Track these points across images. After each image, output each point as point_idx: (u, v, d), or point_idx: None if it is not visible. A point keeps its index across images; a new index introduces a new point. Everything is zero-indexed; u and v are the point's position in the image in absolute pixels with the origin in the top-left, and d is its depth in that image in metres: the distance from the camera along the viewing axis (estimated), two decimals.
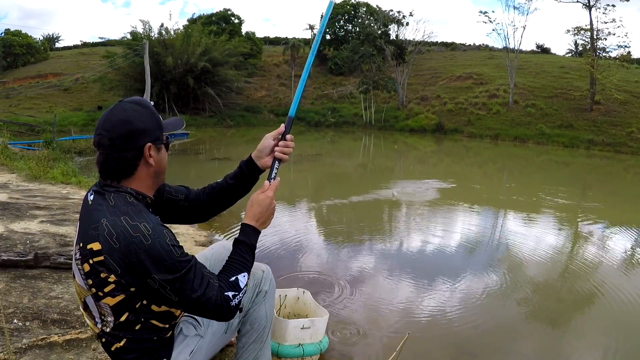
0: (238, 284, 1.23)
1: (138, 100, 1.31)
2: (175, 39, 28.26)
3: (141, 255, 1.13)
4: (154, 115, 1.30)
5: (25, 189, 5.71)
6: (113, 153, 1.22)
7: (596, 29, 24.98)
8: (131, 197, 1.25)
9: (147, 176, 1.30)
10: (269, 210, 1.37)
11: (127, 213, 1.18)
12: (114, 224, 1.16)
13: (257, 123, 28.57)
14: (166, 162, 1.36)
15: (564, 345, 2.87)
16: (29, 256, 2.79)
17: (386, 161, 15.80)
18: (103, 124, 1.23)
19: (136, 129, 1.23)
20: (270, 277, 1.64)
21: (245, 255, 1.30)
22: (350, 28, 38.68)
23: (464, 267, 4.11)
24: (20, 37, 40.01)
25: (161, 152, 1.32)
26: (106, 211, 1.19)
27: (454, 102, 27.72)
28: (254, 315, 1.58)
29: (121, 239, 1.14)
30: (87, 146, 14.03)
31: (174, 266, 1.15)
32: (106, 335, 1.25)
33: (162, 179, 1.39)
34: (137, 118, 1.25)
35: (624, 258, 4.85)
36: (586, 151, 19.74)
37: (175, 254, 1.16)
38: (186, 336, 1.41)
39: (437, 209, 6.85)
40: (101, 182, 1.28)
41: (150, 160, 1.27)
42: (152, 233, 1.15)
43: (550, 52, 43.42)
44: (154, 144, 1.27)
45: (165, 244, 1.15)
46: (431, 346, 2.72)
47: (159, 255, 1.14)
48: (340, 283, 3.62)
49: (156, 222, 1.19)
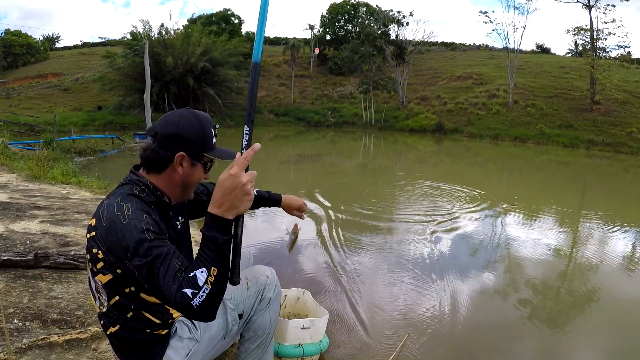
0: (196, 281, 1.09)
1: (198, 114, 1.35)
2: (175, 39, 28.25)
3: (118, 234, 1.17)
4: (202, 133, 1.32)
5: (25, 189, 5.71)
6: (154, 145, 1.31)
7: (596, 29, 24.99)
8: (143, 189, 1.30)
9: (174, 182, 1.34)
10: (234, 192, 1.09)
11: (123, 196, 1.25)
12: (109, 203, 1.24)
13: (257, 123, 28.53)
14: (197, 180, 1.37)
15: (564, 345, 2.87)
16: (29, 256, 2.79)
17: (386, 161, 15.81)
18: (161, 119, 1.34)
19: (178, 135, 1.29)
20: (275, 282, 1.60)
21: (205, 249, 1.12)
22: (350, 28, 38.68)
23: (464, 267, 4.11)
24: (20, 37, 40.02)
25: (195, 168, 1.34)
26: (112, 194, 1.29)
27: (454, 102, 27.73)
28: (257, 323, 1.55)
29: (107, 217, 1.21)
30: (87, 146, 14.04)
31: (144, 250, 1.13)
32: (103, 317, 1.32)
33: (189, 194, 1.41)
34: (185, 126, 1.30)
35: (623, 258, 4.85)
36: (586, 151, 19.74)
37: (148, 237, 1.15)
38: (181, 338, 1.40)
39: (437, 208, 6.84)
40: (130, 173, 1.35)
41: (179, 169, 1.32)
42: (131, 214, 1.19)
43: (550, 52, 43.43)
44: (189, 157, 1.31)
45: (140, 227, 1.16)
46: (431, 346, 2.72)
47: (132, 236, 1.15)
48: (340, 283, 3.62)
49: (140, 207, 1.22)
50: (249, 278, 1.56)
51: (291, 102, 32.79)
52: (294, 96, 33.53)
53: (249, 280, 1.55)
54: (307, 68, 38.19)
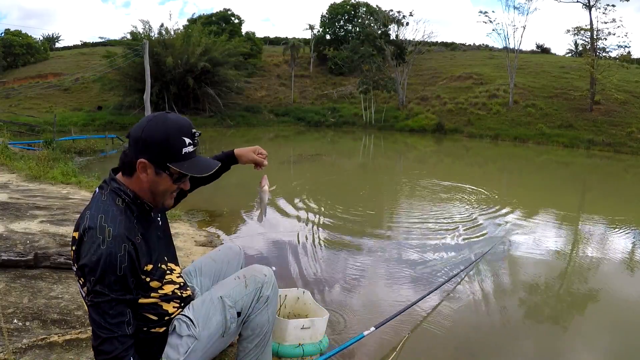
0: None
1: (168, 118, 1.29)
2: (175, 39, 28.24)
3: (92, 257, 1.18)
4: (166, 140, 1.25)
5: (25, 189, 5.71)
6: (128, 146, 1.30)
7: (596, 29, 24.98)
8: (125, 200, 1.29)
9: (143, 188, 1.31)
10: None
11: (106, 212, 1.23)
12: (91, 217, 1.22)
13: (257, 123, 28.56)
14: (165, 190, 1.32)
15: (564, 345, 2.87)
16: (29, 256, 2.79)
17: (386, 161, 15.81)
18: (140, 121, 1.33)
19: (141, 139, 1.26)
20: (273, 281, 1.59)
21: None
22: (350, 28, 38.69)
23: (464, 267, 4.10)
24: (20, 37, 39.99)
25: (161, 178, 1.29)
26: (95, 205, 1.26)
27: (454, 102, 27.72)
28: (255, 321, 1.54)
29: (88, 234, 1.20)
30: (87, 146, 14.03)
31: (101, 282, 1.17)
32: None
33: (162, 202, 1.36)
34: (149, 131, 1.26)
35: (623, 258, 4.85)
36: (586, 151, 19.73)
37: (112, 275, 1.17)
38: (180, 335, 1.40)
39: (436, 207, 6.84)
40: (110, 176, 1.33)
41: (142, 176, 1.28)
42: (110, 240, 1.19)
43: (550, 52, 43.43)
44: (152, 165, 1.27)
45: (114, 260, 1.18)
46: (431, 346, 2.72)
47: (101, 265, 1.17)
48: (340, 283, 3.62)
49: (123, 234, 1.21)
50: (247, 276, 1.56)
51: (291, 102, 32.79)
52: (294, 96, 33.54)
53: (247, 278, 1.55)
54: (307, 68, 38.20)
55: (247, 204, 6.37)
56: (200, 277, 1.73)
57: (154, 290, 1.36)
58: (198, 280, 1.72)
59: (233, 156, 1.77)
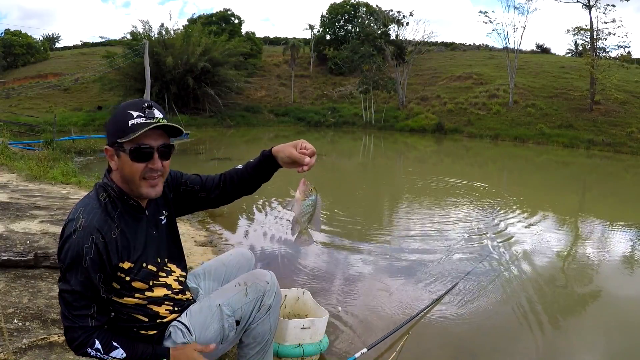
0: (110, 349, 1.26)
1: (127, 102, 1.31)
2: (175, 39, 28.24)
3: (61, 242, 1.24)
4: (118, 119, 1.26)
5: (25, 189, 5.71)
6: None
7: (596, 29, 24.99)
8: (110, 195, 1.31)
9: (121, 178, 1.32)
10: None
11: (86, 205, 1.26)
12: (75, 210, 1.26)
13: (257, 123, 28.56)
14: (132, 173, 1.27)
15: (564, 345, 2.87)
16: (29, 256, 2.79)
17: (386, 161, 15.80)
18: None
19: (105, 128, 1.32)
20: (275, 288, 1.52)
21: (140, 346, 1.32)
22: (350, 28, 38.67)
23: (465, 267, 4.11)
24: (20, 37, 40.01)
25: (122, 160, 1.28)
26: (82, 199, 1.31)
27: (454, 102, 27.73)
28: (257, 330, 1.49)
29: (66, 221, 1.26)
30: (87, 146, 14.02)
31: (68, 271, 1.21)
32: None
33: (135, 190, 1.31)
34: (110, 118, 1.32)
35: (623, 258, 4.85)
36: (586, 151, 19.73)
37: (78, 265, 1.20)
38: (175, 342, 1.38)
39: (435, 206, 6.85)
40: (104, 173, 1.38)
41: (112, 164, 1.31)
42: (80, 230, 1.21)
43: (550, 52, 43.43)
44: (113, 148, 1.29)
45: (81, 250, 1.20)
46: (431, 346, 2.72)
47: (69, 254, 1.21)
48: (340, 283, 3.62)
49: (93, 226, 1.22)
50: (248, 283, 1.50)
51: (291, 102, 32.79)
52: (294, 96, 33.54)
53: (248, 285, 1.50)
54: (307, 68, 38.19)
55: (247, 204, 6.37)
56: (208, 281, 1.69)
57: (138, 292, 1.33)
58: (205, 284, 1.68)
59: (271, 155, 1.44)
